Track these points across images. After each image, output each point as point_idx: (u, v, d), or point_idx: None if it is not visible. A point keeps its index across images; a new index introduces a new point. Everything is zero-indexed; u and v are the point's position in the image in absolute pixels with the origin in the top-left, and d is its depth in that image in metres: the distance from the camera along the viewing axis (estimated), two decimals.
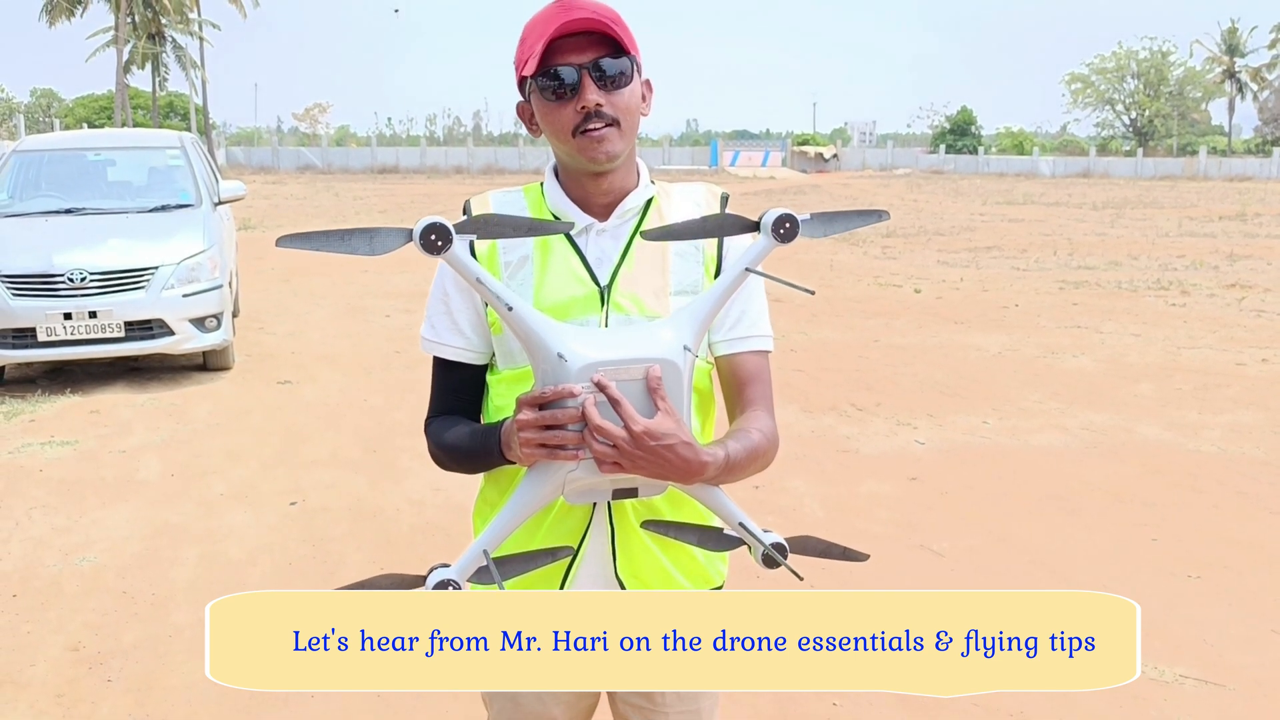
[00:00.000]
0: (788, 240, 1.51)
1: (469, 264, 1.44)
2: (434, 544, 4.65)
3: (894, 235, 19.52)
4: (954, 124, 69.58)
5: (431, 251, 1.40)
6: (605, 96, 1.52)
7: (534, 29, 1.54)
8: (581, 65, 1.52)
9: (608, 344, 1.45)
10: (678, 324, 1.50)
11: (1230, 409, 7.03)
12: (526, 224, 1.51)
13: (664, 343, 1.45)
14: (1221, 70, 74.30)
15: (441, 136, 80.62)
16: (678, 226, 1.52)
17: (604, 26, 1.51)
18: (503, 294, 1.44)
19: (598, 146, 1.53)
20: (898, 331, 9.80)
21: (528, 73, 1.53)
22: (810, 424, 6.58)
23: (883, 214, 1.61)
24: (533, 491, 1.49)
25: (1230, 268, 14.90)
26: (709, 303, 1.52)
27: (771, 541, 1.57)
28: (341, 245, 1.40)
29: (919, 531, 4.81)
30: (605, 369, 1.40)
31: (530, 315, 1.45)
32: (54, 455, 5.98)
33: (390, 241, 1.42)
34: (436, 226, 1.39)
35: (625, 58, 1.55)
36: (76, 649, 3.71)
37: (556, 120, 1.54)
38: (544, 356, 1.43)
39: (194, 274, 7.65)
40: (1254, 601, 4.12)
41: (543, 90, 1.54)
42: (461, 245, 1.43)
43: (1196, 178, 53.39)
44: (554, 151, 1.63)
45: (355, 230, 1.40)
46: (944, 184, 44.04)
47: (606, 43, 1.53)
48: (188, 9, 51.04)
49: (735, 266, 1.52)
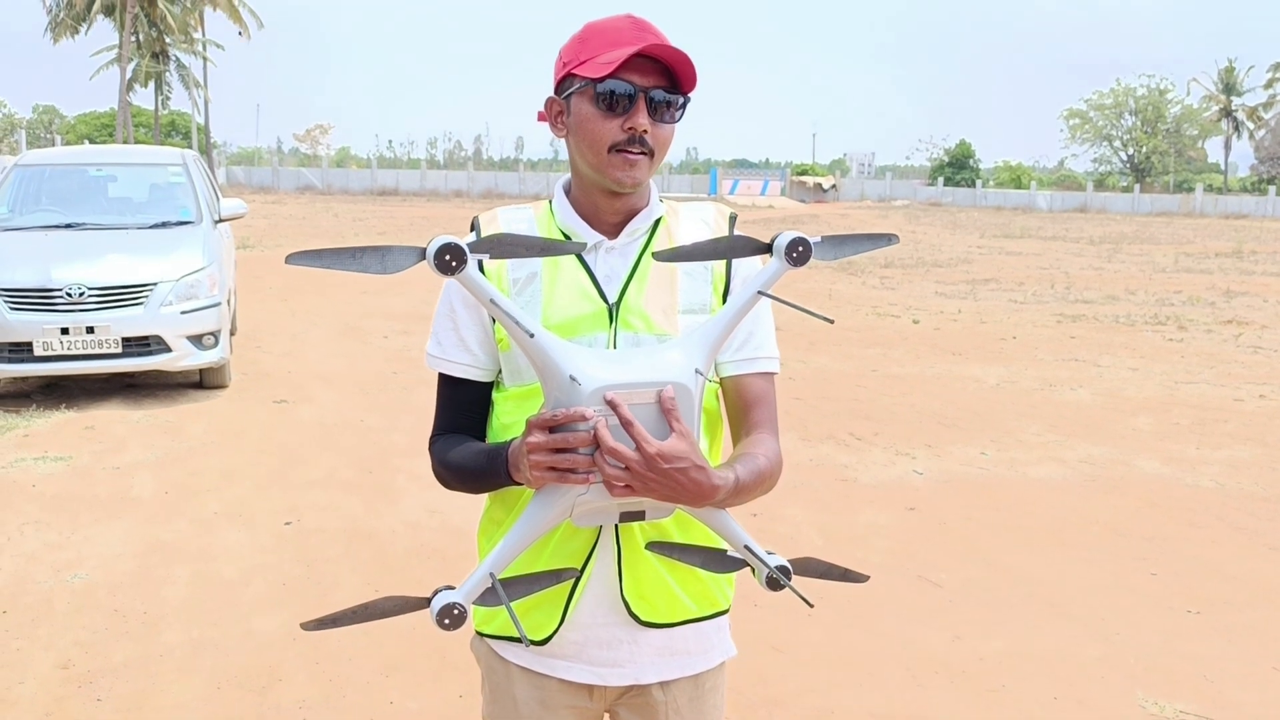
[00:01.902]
0: (801, 263, 1.49)
1: (482, 284, 1.42)
2: (429, 567, 4.61)
3: (892, 266, 19.57)
4: (953, 157, 69.93)
5: (445, 272, 1.37)
6: (653, 125, 1.53)
7: (603, 36, 1.53)
8: (644, 88, 1.52)
9: (619, 366, 1.43)
10: (689, 346, 1.48)
11: (1228, 444, 7.03)
12: (539, 244, 1.49)
13: (675, 365, 1.44)
14: (1218, 109, 74.83)
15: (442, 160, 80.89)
16: (689, 247, 1.51)
17: (685, 63, 1.51)
18: (514, 314, 1.42)
19: (629, 170, 1.53)
20: (896, 361, 9.80)
21: (590, 74, 1.51)
22: (809, 452, 6.56)
23: (892, 237, 1.59)
24: (541, 514, 1.47)
25: (1227, 304, 14.94)
26: (720, 325, 1.50)
27: (776, 564, 1.55)
28: (353, 263, 1.38)
29: (917, 562, 4.79)
30: (617, 391, 1.38)
31: (542, 336, 1.43)
32: (47, 471, 5.95)
33: (403, 260, 1.39)
34: (451, 246, 1.37)
35: (681, 95, 1.56)
36: (66, 667, 3.67)
37: (597, 131, 1.53)
38: (555, 378, 1.42)
39: (193, 291, 7.64)
40: (1253, 637, 4.10)
41: (598, 98, 1.52)
42: (474, 265, 1.41)
43: (1193, 214, 53.67)
44: (574, 160, 1.61)
45: (367, 249, 1.37)
46: (942, 216, 44.21)
47: (667, 75, 1.53)
48: (192, 29, 51.27)
49: (748, 289, 1.51)
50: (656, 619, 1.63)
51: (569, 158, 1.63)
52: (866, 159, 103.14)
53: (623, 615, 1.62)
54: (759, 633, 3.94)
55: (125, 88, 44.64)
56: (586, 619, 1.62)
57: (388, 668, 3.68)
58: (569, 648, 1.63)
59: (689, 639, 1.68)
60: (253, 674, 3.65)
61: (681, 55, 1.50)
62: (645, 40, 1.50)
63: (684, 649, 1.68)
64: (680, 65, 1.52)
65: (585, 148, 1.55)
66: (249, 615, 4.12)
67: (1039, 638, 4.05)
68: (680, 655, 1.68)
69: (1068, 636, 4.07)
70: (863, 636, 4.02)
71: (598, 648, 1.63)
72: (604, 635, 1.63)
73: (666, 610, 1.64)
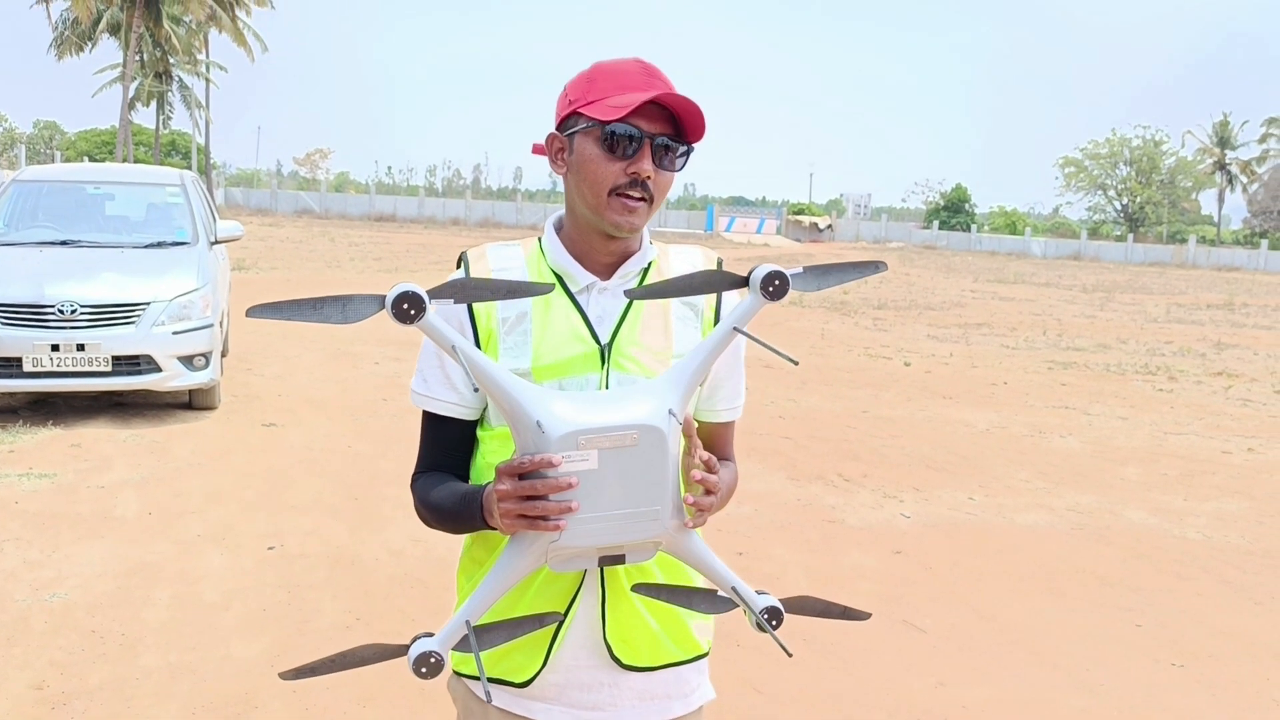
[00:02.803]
0: (777, 298, 1.47)
1: (444, 332, 1.40)
2: (412, 596, 4.58)
3: (885, 308, 19.63)
4: (948, 201, 70.33)
5: (404, 320, 1.35)
6: (656, 172, 1.53)
7: (613, 78, 1.53)
8: (650, 135, 1.52)
9: (589, 410, 1.40)
10: (663, 387, 1.46)
11: (1216, 496, 7.03)
12: (505, 286, 1.45)
13: (648, 408, 1.41)
14: (1212, 161, 75.43)
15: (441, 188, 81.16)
16: (663, 284, 1.48)
17: (695, 113, 1.52)
18: (476, 359, 1.40)
19: (628, 215, 1.54)
20: (886, 403, 9.81)
21: (599, 116, 1.51)
22: (796, 492, 6.54)
23: (880, 265, 1.56)
24: (515, 561, 1.45)
25: (1218, 355, 15.00)
26: (695, 364, 1.49)
27: (766, 605, 1.53)
28: (314, 314, 1.36)
29: (902, 606, 4.77)
30: (587, 437, 1.36)
31: (507, 381, 1.41)
32: (31, 487, 5.91)
33: (364, 309, 1.37)
34: (409, 295, 1.35)
35: (686, 145, 1.56)
36: (40, 688, 3.63)
37: (600, 172, 1.53)
38: (523, 424, 1.40)
39: (185, 311, 7.63)
40: (1236, 692, 4.08)
41: (604, 139, 1.52)
42: (434, 313, 1.38)
43: (1185, 265, 54.00)
44: (570, 199, 1.61)
45: (328, 299, 1.36)
46: (936, 259, 44.41)
47: (673, 123, 1.54)
48: (196, 50, 51.47)
49: (723, 325, 1.49)
50: (638, 662, 1.62)
51: (565, 195, 1.62)
52: (863, 200, 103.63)
53: (604, 658, 1.61)
54: (741, 673, 3.91)
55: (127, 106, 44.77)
56: (568, 661, 1.60)
57: (364, 698, 3.65)
58: (549, 690, 1.62)
59: (669, 682, 1.66)
60: (229, 700, 3.61)
61: (693, 106, 1.51)
62: (656, 88, 1.51)
63: (664, 692, 1.66)
64: (690, 115, 1.52)
65: (585, 188, 1.55)
66: (228, 640, 4.08)
67: (1022, 686, 4.03)
68: (660, 699, 1.66)
69: (1051, 686, 4.05)
70: (845, 680, 3.99)
71: (578, 690, 1.62)
72: (585, 678, 1.61)
73: (648, 654, 1.63)
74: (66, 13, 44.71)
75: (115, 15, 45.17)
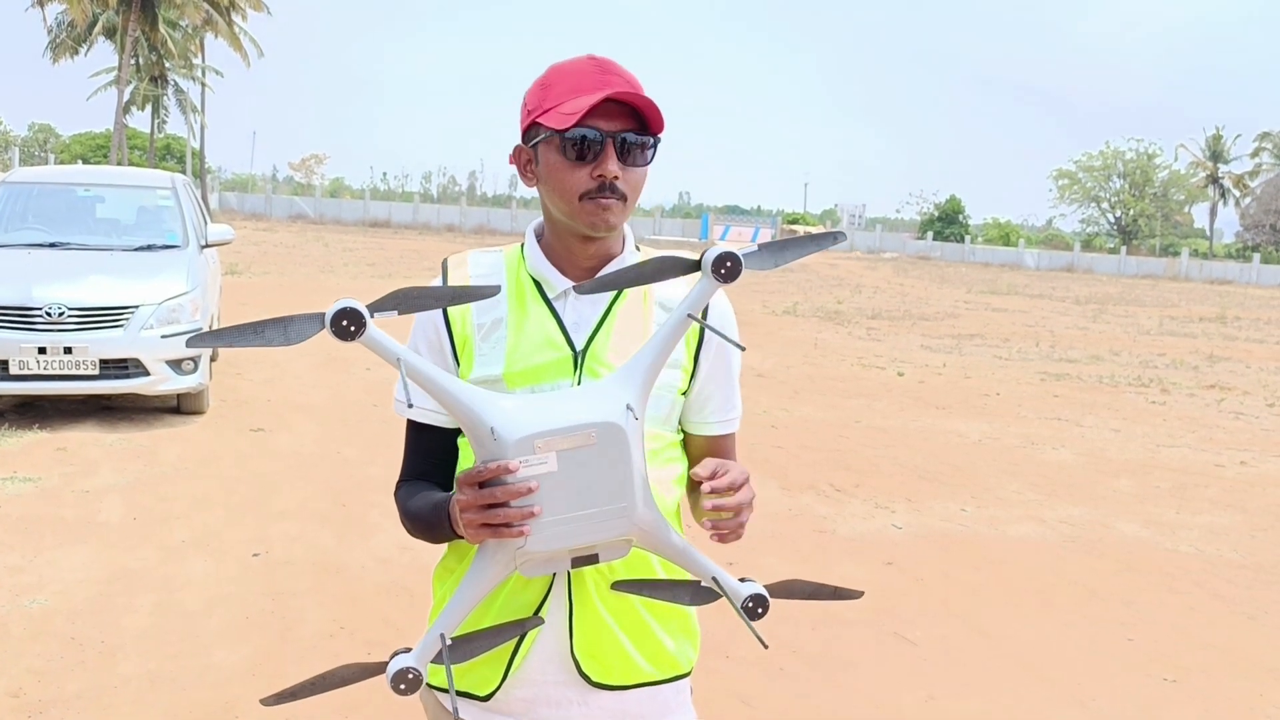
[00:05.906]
0: (729, 280, 1.42)
1: (388, 346, 1.36)
2: (398, 604, 4.53)
3: (879, 318, 19.62)
4: (942, 212, 70.44)
5: (344, 338, 1.32)
6: (623, 170, 1.49)
7: (565, 81, 1.49)
8: (611, 134, 1.47)
9: (544, 412, 1.37)
10: (619, 382, 1.42)
11: (1208, 510, 7.01)
12: (449, 293, 1.42)
13: (605, 405, 1.38)
14: (1205, 175, 75.74)
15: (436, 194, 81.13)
16: (614, 275, 1.43)
17: (650, 106, 1.47)
18: (423, 371, 1.37)
19: (603, 215, 1.49)
20: (879, 413, 9.78)
21: (556, 126, 1.47)
22: (788, 502, 6.51)
23: (839, 235, 1.50)
24: (484, 571, 1.42)
25: (1210, 368, 15.01)
26: (650, 355, 1.44)
27: (751, 593, 1.49)
28: (256, 339, 1.32)
29: (893, 618, 4.73)
30: (543, 440, 1.33)
31: (458, 390, 1.38)
32: (14, 491, 5.85)
33: (306, 329, 1.34)
34: (348, 311, 1.31)
35: (651, 137, 1.51)
36: (17, 695, 3.57)
37: (566, 180, 1.49)
38: (478, 432, 1.37)
39: (174, 315, 7.57)
40: (1228, 707, 4.05)
41: (564, 148, 1.48)
42: (374, 327, 1.35)
43: (1178, 278, 54.17)
44: (546, 208, 1.57)
45: (269, 321, 1.32)
46: (930, 270, 44.47)
47: (635, 116, 1.49)
48: (192, 54, 51.39)
49: (677, 312, 1.44)
50: (609, 680, 1.57)
51: (541, 203, 1.59)
52: (857, 210, 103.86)
53: (573, 674, 1.56)
54: (729, 686, 3.86)
55: (122, 110, 44.68)
56: (536, 676, 1.56)
57: (346, 707, 3.59)
58: (517, 705, 1.57)
59: (644, 703, 1.60)
60: (209, 710, 3.56)
61: (648, 100, 1.47)
62: (609, 86, 1.46)
63: (638, 713, 1.60)
64: (646, 109, 1.48)
65: (556, 197, 1.51)
66: (209, 648, 4.02)
67: (1014, 700, 3.99)
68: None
69: (1043, 700, 4.01)
70: (835, 693, 3.95)
71: (546, 707, 1.57)
72: (554, 694, 1.56)
73: (620, 672, 1.57)
74: (62, 16, 44.65)
75: (111, 19, 45.10)
